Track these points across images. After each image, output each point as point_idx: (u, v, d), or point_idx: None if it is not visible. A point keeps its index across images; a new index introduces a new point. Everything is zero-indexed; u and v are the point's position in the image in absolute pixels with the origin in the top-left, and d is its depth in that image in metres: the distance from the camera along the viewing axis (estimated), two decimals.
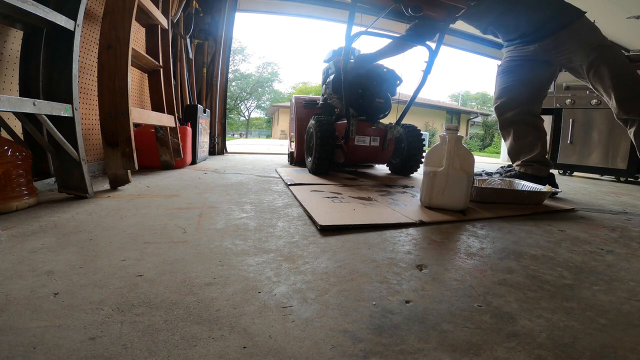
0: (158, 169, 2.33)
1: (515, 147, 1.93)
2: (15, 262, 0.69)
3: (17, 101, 0.99)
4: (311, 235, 0.95)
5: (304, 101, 2.93)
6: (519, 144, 1.91)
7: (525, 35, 1.80)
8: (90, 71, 1.94)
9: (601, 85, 1.62)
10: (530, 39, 1.78)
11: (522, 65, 1.86)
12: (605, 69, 1.58)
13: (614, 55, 1.60)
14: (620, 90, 1.57)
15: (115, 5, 1.56)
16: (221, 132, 4.08)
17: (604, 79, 1.59)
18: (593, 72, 1.62)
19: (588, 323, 0.54)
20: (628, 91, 1.57)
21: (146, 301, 0.56)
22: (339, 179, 2.03)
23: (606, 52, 1.60)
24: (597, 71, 1.61)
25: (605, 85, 1.60)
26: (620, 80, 1.57)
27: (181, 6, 2.90)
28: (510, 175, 1.93)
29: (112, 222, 1.00)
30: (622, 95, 1.57)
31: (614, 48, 1.63)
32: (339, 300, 0.59)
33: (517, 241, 0.98)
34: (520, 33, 1.81)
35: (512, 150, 1.96)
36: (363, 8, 2.11)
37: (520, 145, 1.91)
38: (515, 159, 1.96)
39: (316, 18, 5.03)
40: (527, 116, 1.87)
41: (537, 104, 1.90)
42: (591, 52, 1.60)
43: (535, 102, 1.89)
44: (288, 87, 41.54)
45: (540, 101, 1.92)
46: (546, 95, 1.96)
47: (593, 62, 1.60)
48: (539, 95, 1.90)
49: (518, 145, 1.91)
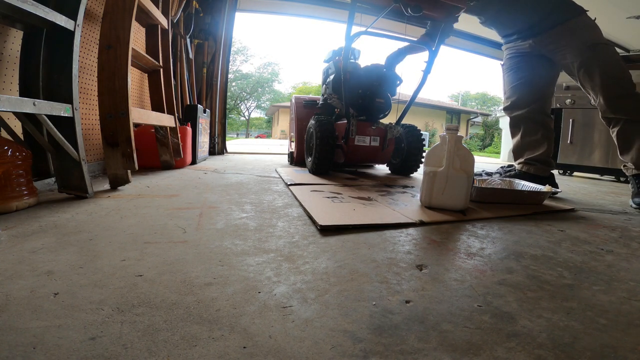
0: (158, 169, 2.33)
1: (521, 145, 1.92)
2: (15, 262, 0.69)
3: (17, 101, 0.99)
4: (311, 235, 0.95)
5: (304, 101, 2.93)
6: (526, 141, 1.90)
7: (521, 31, 1.80)
8: (90, 71, 1.94)
9: (590, 83, 1.62)
10: (525, 34, 1.79)
11: (526, 62, 1.86)
12: (596, 67, 1.58)
13: (606, 54, 1.60)
14: (609, 89, 1.57)
15: (115, 5, 1.56)
16: (221, 132, 4.08)
17: (594, 77, 1.59)
18: (584, 71, 1.62)
19: (588, 323, 0.54)
20: (618, 89, 1.57)
21: (146, 301, 0.56)
22: (339, 179, 2.03)
23: (599, 50, 1.59)
24: (587, 69, 1.60)
25: (594, 83, 1.59)
26: (610, 79, 1.56)
27: (181, 6, 2.90)
28: (511, 174, 1.93)
29: (112, 222, 1.00)
30: (611, 94, 1.57)
31: (608, 47, 1.62)
32: (339, 300, 0.59)
33: (517, 241, 0.98)
34: (517, 29, 1.82)
35: (517, 147, 1.95)
36: (363, 8, 2.11)
37: (526, 142, 1.90)
38: (519, 156, 1.95)
39: (316, 18, 5.03)
40: (538, 114, 1.87)
41: (547, 102, 1.89)
42: (584, 51, 1.60)
43: (545, 100, 1.88)
44: (288, 87, 41.56)
45: (549, 99, 1.92)
46: (553, 92, 1.95)
47: (584, 60, 1.60)
48: (547, 93, 1.89)
49: (524, 142, 1.91)
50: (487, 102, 36.90)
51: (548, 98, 1.90)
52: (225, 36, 3.95)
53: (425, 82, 2.22)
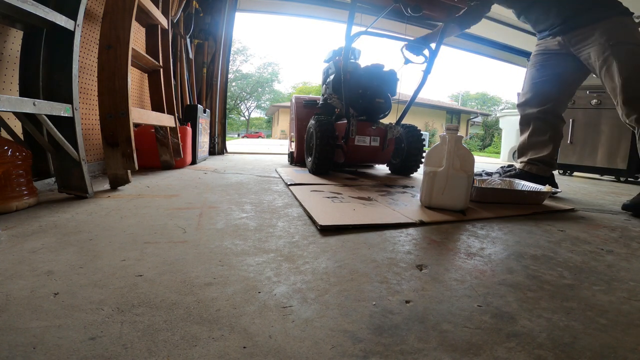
0: (158, 169, 2.33)
1: (526, 144, 1.89)
2: (15, 262, 0.69)
3: (17, 101, 0.99)
4: (311, 235, 0.95)
5: (304, 101, 2.93)
6: (532, 141, 1.87)
7: (554, 26, 1.73)
8: (90, 71, 1.94)
9: (610, 84, 1.54)
10: (558, 30, 1.71)
11: (552, 61, 1.79)
12: (615, 67, 1.49)
13: (631, 54, 1.48)
14: (627, 91, 1.48)
15: (115, 5, 1.56)
16: (221, 132, 4.08)
17: (613, 78, 1.51)
18: (605, 70, 1.53)
19: (588, 323, 0.54)
20: (633, 92, 1.47)
21: (146, 301, 0.56)
22: (339, 179, 2.03)
23: (622, 49, 1.49)
24: (608, 69, 1.52)
25: (615, 84, 1.51)
26: (629, 80, 1.47)
27: (181, 6, 2.90)
28: (511, 174, 1.92)
29: (112, 222, 1.00)
30: (627, 97, 1.48)
31: (635, 47, 1.49)
32: (339, 300, 0.59)
33: (518, 241, 0.98)
34: (550, 23, 1.74)
35: (523, 145, 1.91)
36: (363, 8, 2.11)
37: (533, 142, 1.87)
38: (522, 155, 1.93)
39: (316, 18, 5.03)
40: (550, 116, 1.82)
41: (563, 104, 1.84)
42: (607, 49, 1.51)
43: (560, 102, 1.82)
44: (288, 87, 41.60)
45: (566, 102, 1.85)
46: (572, 95, 1.89)
47: (607, 58, 1.51)
48: (565, 95, 1.83)
49: (531, 142, 1.87)
50: (487, 102, 36.93)
51: (565, 100, 1.84)
52: (225, 36, 3.95)
53: (426, 82, 2.22)
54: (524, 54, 5.35)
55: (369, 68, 2.25)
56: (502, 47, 5.45)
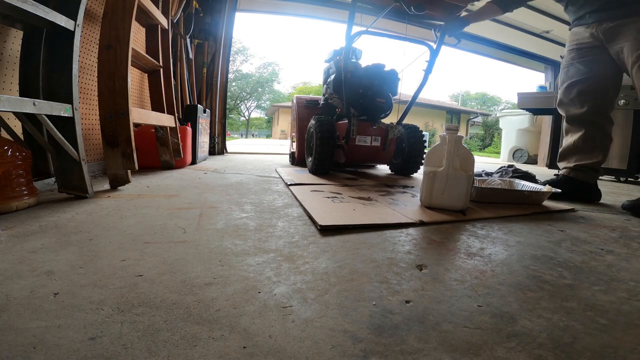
0: (158, 169, 2.33)
1: (572, 147, 1.73)
2: (15, 262, 0.69)
3: (17, 101, 0.99)
4: (311, 235, 0.95)
5: (306, 101, 2.93)
6: (579, 145, 1.71)
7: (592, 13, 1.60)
8: (90, 71, 1.94)
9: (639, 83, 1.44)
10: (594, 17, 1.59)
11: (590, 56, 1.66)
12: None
13: None
14: None
15: (115, 5, 1.56)
16: (221, 132, 4.08)
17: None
18: (637, 68, 1.44)
19: (588, 323, 0.54)
20: None
21: (146, 301, 0.56)
22: (339, 179, 2.03)
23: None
24: None
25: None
26: None
27: (181, 6, 2.90)
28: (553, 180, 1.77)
29: (112, 222, 1.00)
30: None
31: None
32: (339, 300, 0.59)
33: (518, 241, 0.98)
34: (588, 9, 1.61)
35: (570, 148, 1.75)
36: (363, 8, 2.11)
37: (579, 146, 1.71)
38: (566, 159, 1.77)
39: (316, 18, 5.03)
40: (598, 116, 1.67)
41: (610, 103, 1.69)
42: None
43: (607, 102, 1.68)
44: (288, 87, 41.60)
45: (614, 99, 1.71)
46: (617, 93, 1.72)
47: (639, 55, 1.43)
48: (611, 93, 1.69)
49: (577, 145, 1.71)
50: (487, 102, 36.91)
51: (612, 98, 1.69)
52: (225, 36, 3.95)
53: (427, 82, 2.22)
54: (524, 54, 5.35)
55: (369, 68, 2.25)
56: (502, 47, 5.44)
